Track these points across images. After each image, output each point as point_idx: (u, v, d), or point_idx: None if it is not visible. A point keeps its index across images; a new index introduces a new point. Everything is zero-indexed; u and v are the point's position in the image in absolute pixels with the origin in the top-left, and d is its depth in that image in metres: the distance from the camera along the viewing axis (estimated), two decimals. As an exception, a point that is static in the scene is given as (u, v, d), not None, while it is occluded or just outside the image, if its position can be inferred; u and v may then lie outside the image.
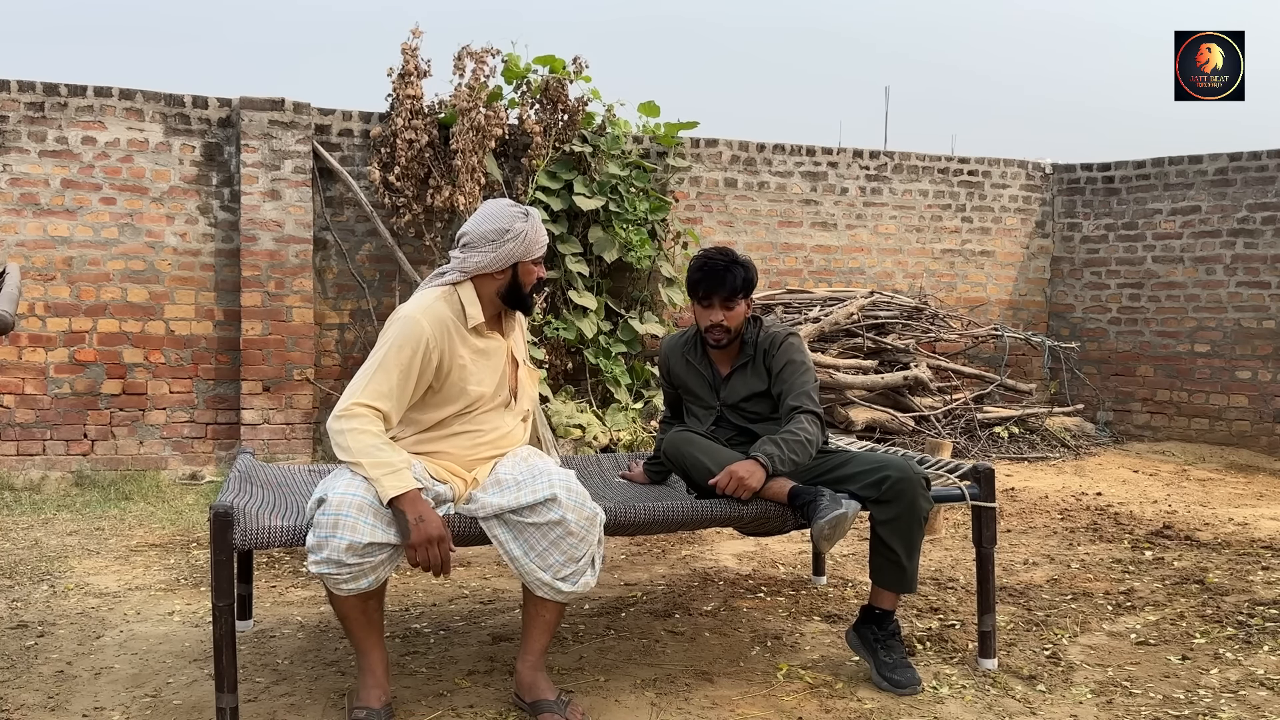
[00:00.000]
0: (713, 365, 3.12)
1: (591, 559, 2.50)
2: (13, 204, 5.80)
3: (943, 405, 7.10)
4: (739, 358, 3.08)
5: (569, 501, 2.44)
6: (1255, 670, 2.92)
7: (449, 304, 2.59)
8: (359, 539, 2.30)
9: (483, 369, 2.61)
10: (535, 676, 2.56)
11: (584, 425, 6.10)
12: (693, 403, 3.18)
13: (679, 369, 3.18)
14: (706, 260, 3.00)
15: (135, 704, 2.64)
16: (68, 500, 5.32)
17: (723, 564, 4.10)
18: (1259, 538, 4.58)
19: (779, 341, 3.03)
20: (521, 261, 2.62)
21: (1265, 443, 7.16)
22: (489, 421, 2.65)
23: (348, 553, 2.29)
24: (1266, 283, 7.23)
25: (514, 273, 2.63)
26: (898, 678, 2.74)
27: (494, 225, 2.59)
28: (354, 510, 2.32)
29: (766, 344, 3.04)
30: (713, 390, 3.11)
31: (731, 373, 3.08)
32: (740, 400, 3.05)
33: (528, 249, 2.61)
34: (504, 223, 2.59)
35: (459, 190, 6.18)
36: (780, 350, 3.01)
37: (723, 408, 3.08)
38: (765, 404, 3.05)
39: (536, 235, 2.62)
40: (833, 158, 7.64)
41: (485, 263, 2.58)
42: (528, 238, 2.60)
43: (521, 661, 2.59)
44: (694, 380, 3.15)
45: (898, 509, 2.75)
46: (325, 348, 6.38)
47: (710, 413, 3.11)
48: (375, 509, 2.35)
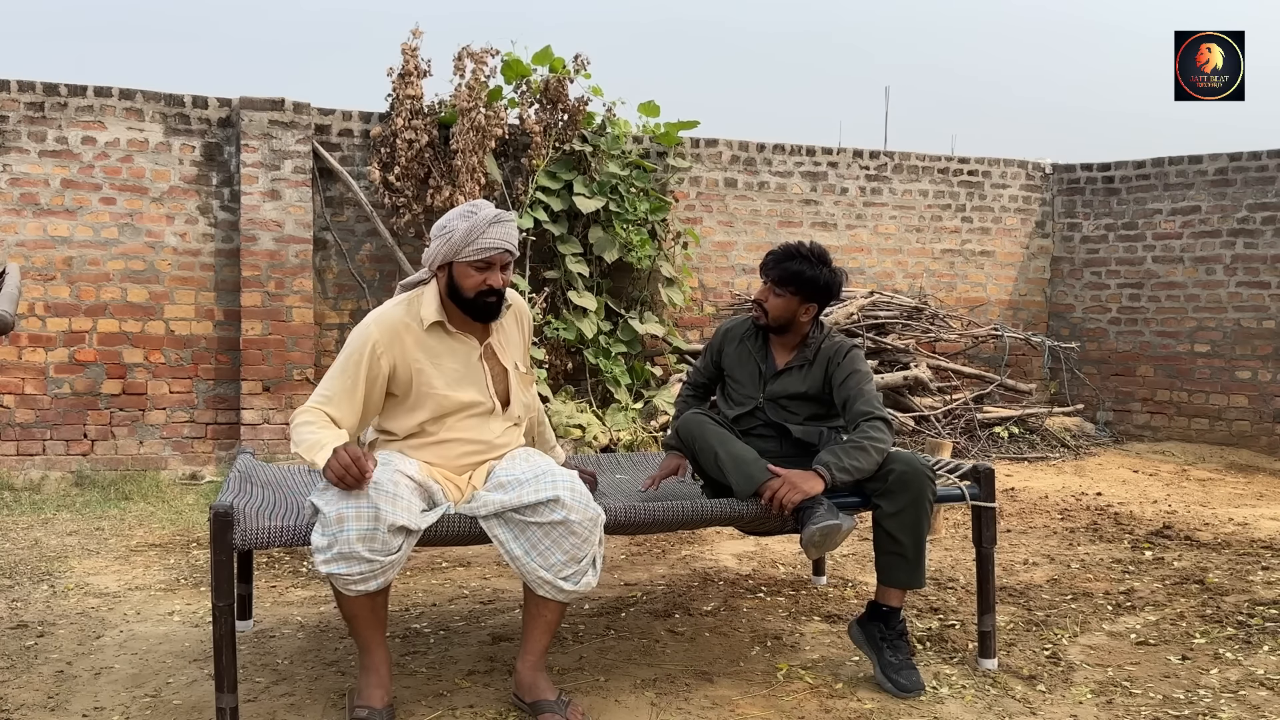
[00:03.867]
0: (770, 356, 3.08)
1: (593, 559, 2.48)
2: (13, 204, 5.80)
3: (943, 405, 7.10)
4: (796, 357, 3.04)
5: (573, 502, 2.42)
6: (1255, 670, 2.92)
7: (410, 306, 2.56)
8: (366, 526, 2.27)
9: (450, 372, 2.55)
10: (536, 677, 2.55)
11: (584, 425, 6.10)
12: (734, 389, 3.13)
13: (731, 351, 3.14)
14: (788, 245, 3.02)
15: (135, 704, 2.64)
16: (68, 500, 5.32)
17: (723, 564, 4.10)
18: (1259, 538, 4.57)
19: (844, 351, 3.00)
20: (456, 263, 2.50)
21: (1265, 443, 7.16)
22: (473, 429, 2.59)
23: (360, 543, 2.26)
24: (1266, 283, 7.23)
25: (449, 275, 2.53)
26: (902, 680, 2.72)
27: (441, 221, 2.54)
28: (354, 501, 2.30)
29: (831, 351, 3.01)
30: (759, 381, 3.07)
31: (785, 369, 3.05)
32: (784, 396, 3.03)
33: (454, 249, 2.48)
34: (445, 219, 2.54)
35: (459, 190, 6.17)
36: (846, 360, 2.98)
37: (765, 400, 3.05)
38: (808, 407, 3.03)
39: (470, 237, 2.48)
40: (833, 158, 7.64)
41: (428, 260, 2.55)
42: (454, 238, 2.48)
43: (522, 661, 2.58)
44: (744, 367, 3.10)
45: (904, 501, 2.73)
46: (325, 348, 6.38)
47: (749, 402, 3.07)
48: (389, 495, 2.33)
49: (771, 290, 2.98)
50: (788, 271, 2.95)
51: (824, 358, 3.01)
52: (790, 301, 2.98)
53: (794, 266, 2.95)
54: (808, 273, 2.95)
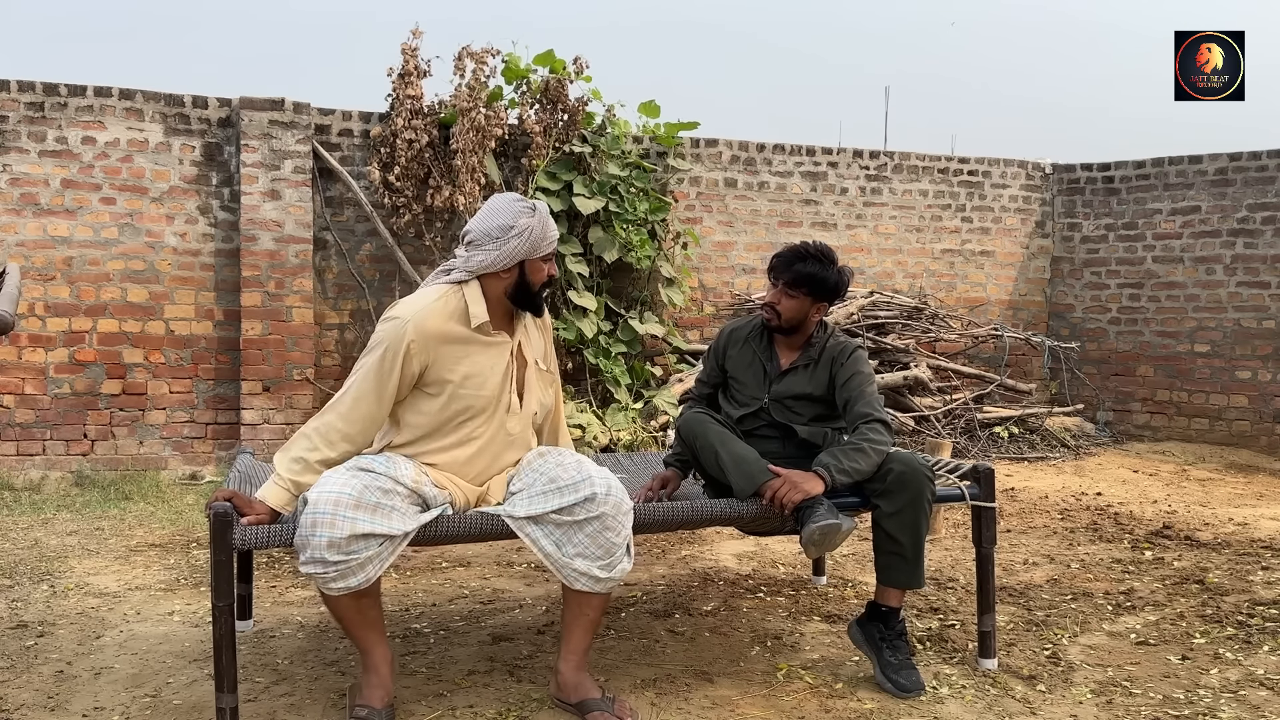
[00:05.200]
0: (775, 356, 3.07)
1: (626, 546, 2.48)
2: (13, 204, 5.81)
3: (942, 405, 7.10)
4: (801, 356, 3.03)
5: (607, 497, 2.42)
6: (1255, 670, 2.92)
7: (448, 303, 2.49)
8: (337, 534, 2.25)
9: (484, 371, 2.52)
10: (580, 677, 2.53)
11: (584, 425, 6.10)
12: (737, 391, 3.11)
13: (735, 353, 3.12)
14: (795, 247, 3.00)
15: (135, 704, 2.64)
16: (68, 500, 5.32)
17: (723, 564, 4.10)
18: (1259, 538, 4.57)
19: (849, 351, 3.00)
20: (529, 259, 2.51)
21: (1265, 443, 7.16)
22: (489, 428, 2.55)
23: (329, 550, 2.25)
24: (1266, 283, 7.23)
25: (521, 271, 2.53)
26: (902, 680, 2.72)
27: (498, 222, 2.49)
28: (330, 506, 2.27)
29: (835, 351, 3.01)
30: (764, 381, 3.06)
31: (790, 369, 3.04)
32: (789, 397, 3.02)
33: (534, 246, 2.50)
34: (508, 219, 2.49)
35: (459, 190, 6.18)
36: (850, 361, 2.98)
37: (770, 400, 3.04)
38: (812, 408, 3.02)
39: (544, 231, 2.52)
40: (833, 158, 7.64)
41: (489, 261, 2.49)
42: (533, 234, 2.49)
43: (564, 662, 2.54)
44: (748, 368, 3.09)
45: (903, 500, 2.73)
46: (325, 348, 6.38)
47: (754, 403, 3.05)
48: (355, 501, 2.28)
49: (784, 292, 2.96)
50: (801, 274, 2.93)
51: (828, 357, 3.01)
52: (803, 303, 2.97)
53: (806, 268, 2.93)
54: (820, 274, 2.93)
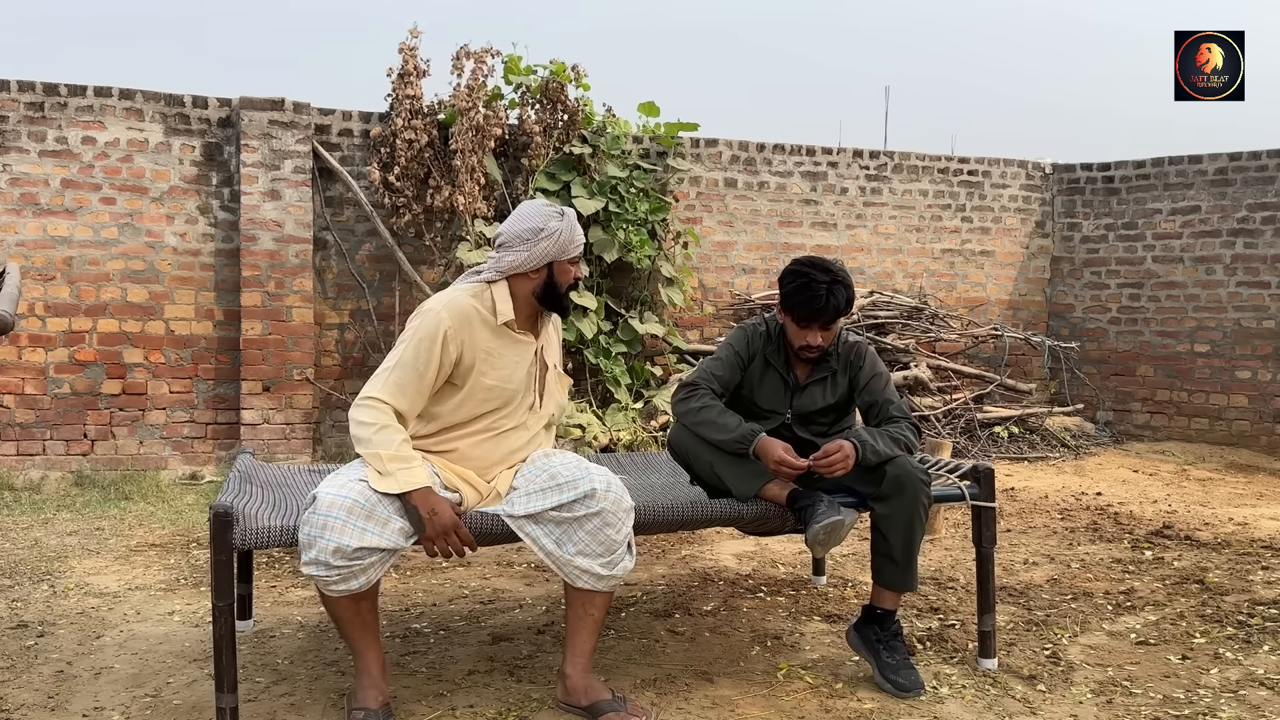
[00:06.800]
0: (792, 369, 3.01)
1: (628, 543, 2.52)
2: (13, 204, 5.80)
3: (943, 405, 7.10)
4: (819, 369, 2.99)
5: (607, 494, 2.46)
6: (1255, 670, 2.92)
7: (478, 300, 2.59)
8: (346, 543, 2.28)
9: (510, 367, 2.60)
10: (588, 680, 2.55)
11: (584, 425, 6.10)
12: (754, 407, 3.02)
13: (753, 366, 3.03)
14: (809, 281, 2.84)
15: (135, 704, 2.64)
16: (68, 500, 5.32)
17: (723, 564, 4.10)
18: (1259, 538, 4.58)
19: (863, 353, 3.00)
20: (557, 261, 2.61)
21: (1265, 443, 7.16)
22: (511, 422, 2.62)
23: (335, 555, 2.28)
24: (1266, 283, 7.23)
25: (549, 272, 2.62)
26: (901, 680, 2.73)
27: (529, 225, 2.59)
28: (343, 513, 2.30)
29: (850, 355, 2.99)
30: (785, 396, 3.00)
31: (810, 383, 3.00)
32: (813, 411, 2.99)
33: (563, 248, 2.60)
34: (538, 222, 2.59)
35: (459, 190, 6.18)
36: (867, 362, 2.98)
37: (793, 417, 2.99)
38: (833, 416, 3.02)
39: (572, 235, 2.62)
40: (833, 158, 7.64)
41: (519, 262, 2.58)
42: (562, 237, 2.59)
43: (571, 665, 2.56)
44: (767, 384, 3.01)
45: (898, 504, 2.74)
46: (325, 348, 6.38)
47: (775, 418, 2.99)
48: (366, 512, 2.32)
49: (822, 330, 2.88)
50: (837, 312, 2.86)
51: (844, 362, 3.00)
52: (836, 327, 2.93)
53: (838, 298, 2.84)
54: (845, 295, 2.87)
